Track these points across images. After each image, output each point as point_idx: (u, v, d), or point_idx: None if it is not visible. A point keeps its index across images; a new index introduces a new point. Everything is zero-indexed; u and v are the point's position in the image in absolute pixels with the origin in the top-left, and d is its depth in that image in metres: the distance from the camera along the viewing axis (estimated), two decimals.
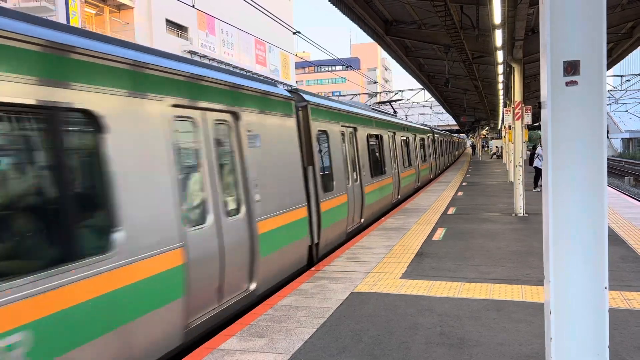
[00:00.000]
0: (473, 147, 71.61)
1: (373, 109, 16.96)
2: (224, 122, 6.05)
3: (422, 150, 22.04)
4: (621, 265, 7.12)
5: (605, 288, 2.91)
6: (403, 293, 6.19)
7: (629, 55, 18.55)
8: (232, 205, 6.03)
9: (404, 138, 17.91)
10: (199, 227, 5.28)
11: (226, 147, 6.06)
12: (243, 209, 6.20)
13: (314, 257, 8.39)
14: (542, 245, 7.18)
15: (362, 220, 11.49)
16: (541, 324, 4.97)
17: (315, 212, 8.42)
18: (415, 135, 20.30)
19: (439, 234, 10.04)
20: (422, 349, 4.51)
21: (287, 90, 8.54)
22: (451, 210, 13.32)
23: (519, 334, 4.79)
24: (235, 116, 6.27)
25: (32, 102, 3.58)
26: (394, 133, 16.13)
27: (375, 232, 10.45)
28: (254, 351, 4.59)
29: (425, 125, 28.62)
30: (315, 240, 8.45)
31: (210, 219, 5.48)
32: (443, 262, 7.70)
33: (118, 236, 4.12)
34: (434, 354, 4.39)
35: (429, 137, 24.98)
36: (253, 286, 6.30)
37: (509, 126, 18.02)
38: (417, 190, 20.49)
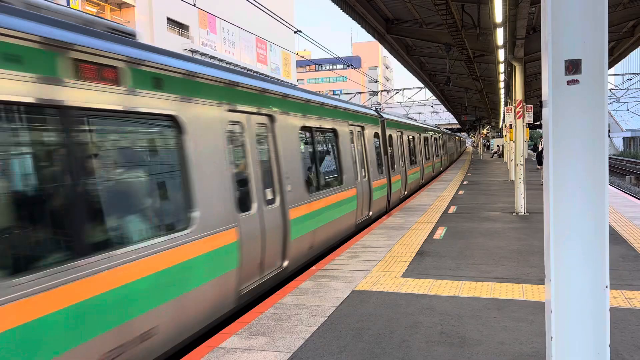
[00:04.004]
0: (476, 146, 71.64)
1: (408, 117, 24.75)
2: (359, 132, 12.14)
3: (436, 147, 28.22)
4: (622, 264, 7.12)
5: (606, 287, 2.91)
6: (404, 292, 6.19)
7: (631, 54, 18.50)
8: (363, 173, 12.00)
9: (426, 137, 23.91)
10: (379, 178, 13.24)
11: (359, 143, 12.08)
12: (367, 175, 12.24)
13: (387, 209, 14.59)
14: (542, 244, 7.18)
15: (406, 192, 17.54)
16: (542, 322, 4.98)
17: (388, 182, 14.45)
18: (431, 134, 26.25)
19: (440, 232, 10.04)
20: (423, 348, 4.51)
21: (375, 111, 14.82)
22: (452, 209, 13.32)
23: (520, 332, 4.79)
24: (362, 128, 12.43)
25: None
26: (419, 134, 21.91)
27: (376, 230, 10.45)
28: (254, 349, 4.59)
29: (435, 126, 33.72)
30: (389, 198, 14.79)
31: (364, 174, 12.10)
32: (444, 261, 7.70)
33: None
34: (435, 353, 4.40)
35: (440, 136, 31.02)
36: (370, 213, 12.32)
37: (510, 125, 18.00)
38: (433, 177, 26.05)
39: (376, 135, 13.72)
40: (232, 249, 5.75)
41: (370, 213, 12.13)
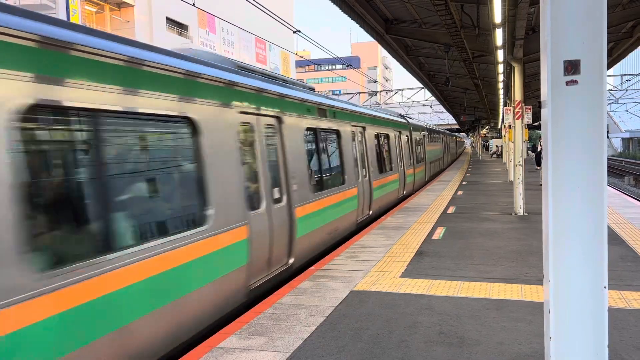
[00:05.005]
0: (475, 146, 71.76)
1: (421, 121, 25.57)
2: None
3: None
4: (620, 265, 7.12)
5: (605, 287, 2.91)
6: (402, 292, 6.19)
7: (629, 54, 18.53)
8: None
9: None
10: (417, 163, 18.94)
11: (396, 144, 15.65)
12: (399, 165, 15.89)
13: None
14: (541, 244, 7.18)
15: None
16: (541, 323, 4.98)
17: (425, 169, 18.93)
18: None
19: (439, 233, 10.04)
20: (422, 348, 4.51)
21: (401, 116, 18.06)
22: (451, 209, 13.32)
23: (519, 333, 4.80)
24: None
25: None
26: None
27: (375, 230, 10.45)
28: (253, 349, 4.59)
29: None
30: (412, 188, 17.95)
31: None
32: (443, 261, 7.70)
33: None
34: (434, 353, 4.40)
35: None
36: (402, 193, 15.65)
37: (509, 125, 18.01)
38: (438, 174, 25.89)
39: (406, 136, 18.17)
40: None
41: (402, 193, 14.63)
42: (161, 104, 4.84)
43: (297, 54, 25.20)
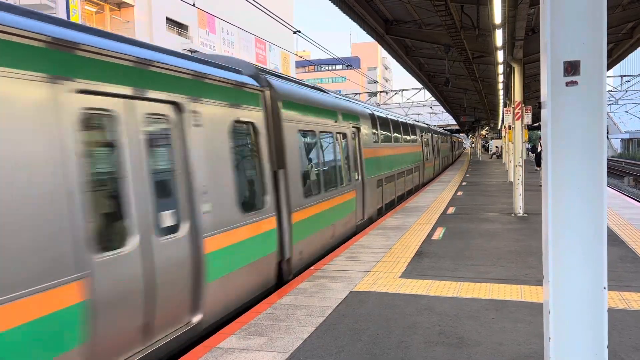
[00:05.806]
0: (475, 147, 71.85)
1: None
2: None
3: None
4: (620, 266, 7.13)
5: (604, 288, 2.91)
6: (402, 292, 6.19)
7: (629, 55, 18.55)
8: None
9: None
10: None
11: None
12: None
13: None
14: (541, 245, 7.19)
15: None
16: (540, 323, 4.98)
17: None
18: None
19: (439, 233, 10.04)
20: (421, 348, 4.51)
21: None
22: (451, 210, 13.32)
23: (518, 333, 4.80)
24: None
25: None
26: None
27: (375, 231, 10.46)
28: (253, 350, 4.59)
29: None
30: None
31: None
32: (442, 261, 7.71)
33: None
34: (433, 353, 4.40)
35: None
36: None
37: (509, 126, 18.02)
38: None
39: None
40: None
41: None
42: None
43: (297, 55, 25.23)
